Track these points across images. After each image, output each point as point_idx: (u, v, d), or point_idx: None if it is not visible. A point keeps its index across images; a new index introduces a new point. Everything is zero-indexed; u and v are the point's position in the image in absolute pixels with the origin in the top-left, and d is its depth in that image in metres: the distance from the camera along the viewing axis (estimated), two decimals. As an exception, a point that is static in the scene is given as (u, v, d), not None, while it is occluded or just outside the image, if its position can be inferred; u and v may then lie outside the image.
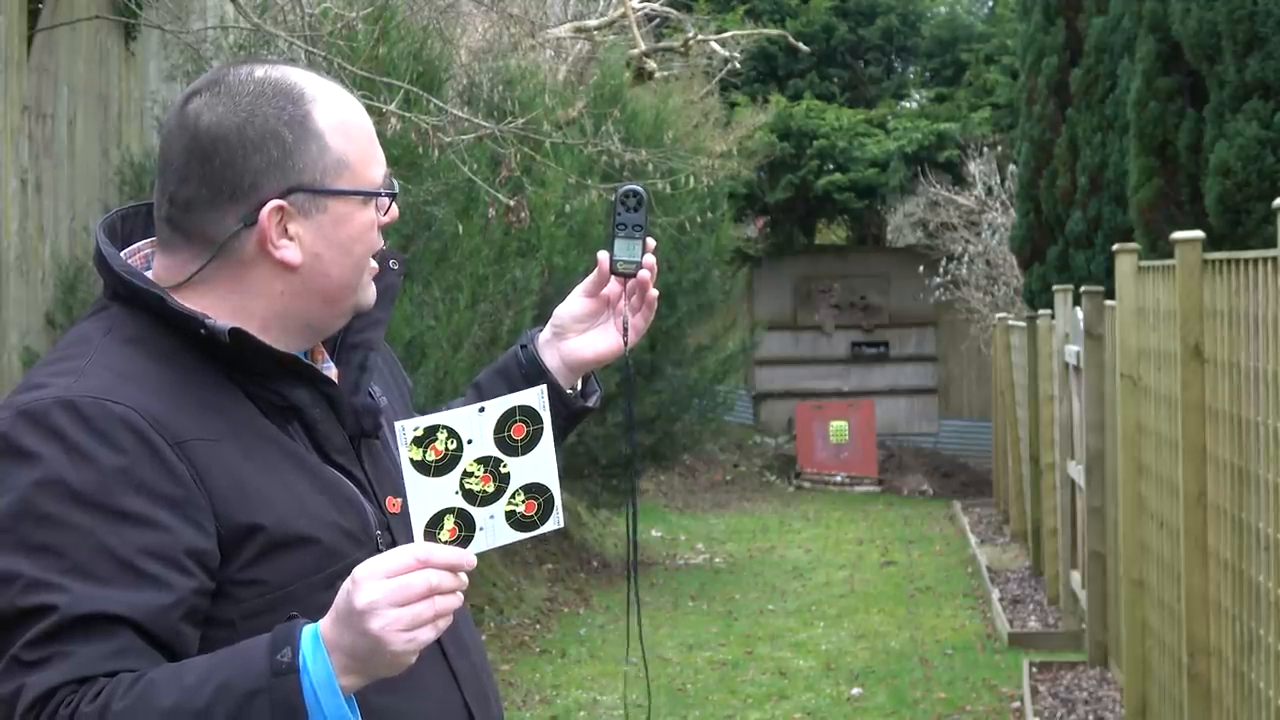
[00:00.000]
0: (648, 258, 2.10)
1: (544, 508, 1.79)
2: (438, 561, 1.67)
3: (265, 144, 1.83)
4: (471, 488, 1.76)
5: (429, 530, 1.73)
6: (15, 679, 1.66)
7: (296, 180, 1.84)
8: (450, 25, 9.12)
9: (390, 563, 1.66)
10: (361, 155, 1.88)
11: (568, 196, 9.03)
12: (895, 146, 19.23)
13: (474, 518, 1.75)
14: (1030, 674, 8.16)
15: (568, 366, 2.17)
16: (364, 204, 1.89)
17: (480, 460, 1.76)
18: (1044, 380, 10.83)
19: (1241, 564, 4.88)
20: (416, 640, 1.65)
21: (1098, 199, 10.92)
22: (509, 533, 1.78)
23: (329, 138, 1.86)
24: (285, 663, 1.64)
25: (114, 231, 1.94)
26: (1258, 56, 7.74)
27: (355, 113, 1.91)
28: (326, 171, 1.85)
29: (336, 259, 1.87)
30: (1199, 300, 5.33)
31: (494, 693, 2.04)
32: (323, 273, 1.87)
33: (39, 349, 6.00)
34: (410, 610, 1.64)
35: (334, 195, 1.86)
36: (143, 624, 1.68)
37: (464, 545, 1.74)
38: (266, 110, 1.84)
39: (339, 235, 1.87)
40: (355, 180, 1.87)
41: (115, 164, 6.68)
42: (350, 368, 1.97)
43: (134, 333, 1.83)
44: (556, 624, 10.13)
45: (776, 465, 18.67)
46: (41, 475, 1.71)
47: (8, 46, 5.79)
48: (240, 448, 1.80)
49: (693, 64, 14.10)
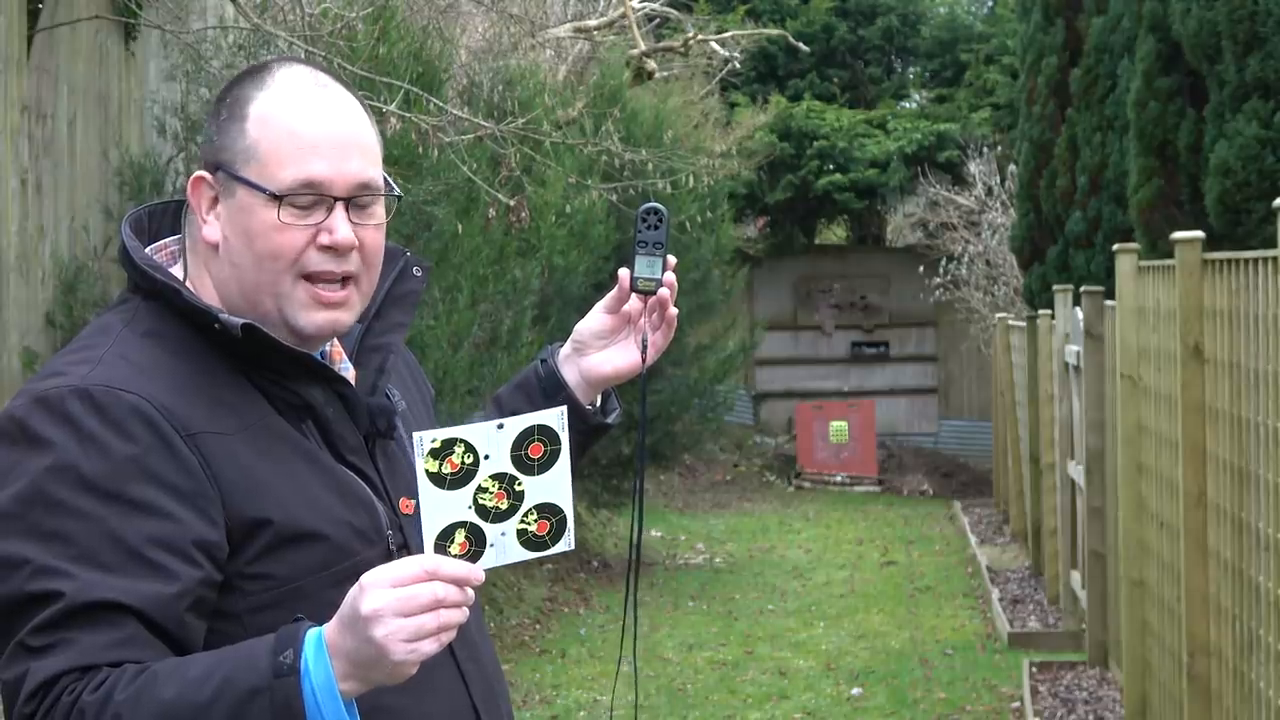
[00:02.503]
0: (668, 276, 2.10)
1: (556, 528, 1.80)
2: (445, 574, 1.67)
3: (215, 117, 1.89)
4: (485, 503, 1.76)
5: (439, 543, 1.73)
6: (20, 664, 1.68)
7: (217, 157, 1.87)
8: (450, 25, 9.12)
9: (398, 572, 1.66)
10: (276, 151, 1.85)
11: (568, 196, 9.03)
12: (895, 147, 19.23)
13: (485, 533, 1.75)
14: (1030, 674, 8.16)
15: (587, 382, 2.17)
16: (268, 202, 1.84)
17: (495, 476, 1.76)
18: (1044, 380, 10.83)
19: (1241, 564, 4.88)
20: (418, 651, 1.65)
21: (1098, 199, 10.92)
22: (520, 551, 1.77)
23: (249, 124, 1.86)
24: (287, 664, 1.64)
25: (140, 226, 1.96)
26: (1258, 56, 7.74)
27: (296, 112, 1.86)
28: (237, 156, 1.86)
29: (240, 250, 1.87)
30: (1199, 300, 5.33)
31: (503, 695, 2.04)
32: (233, 261, 1.88)
33: (39, 349, 6.00)
34: (414, 621, 1.64)
35: (239, 182, 1.86)
36: (148, 614, 1.69)
37: (474, 560, 1.74)
38: (234, 88, 1.89)
39: (242, 224, 1.86)
40: (260, 174, 1.85)
41: (115, 164, 6.68)
42: (368, 369, 1.98)
43: (153, 325, 1.85)
44: (556, 624, 10.12)
45: (776, 465, 18.66)
46: (53, 462, 1.72)
47: (8, 46, 5.79)
48: (252, 443, 1.81)
49: (693, 64, 14.10)
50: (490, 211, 7.82)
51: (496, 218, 7.96)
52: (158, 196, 6.52)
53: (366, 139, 1.90)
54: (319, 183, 1.85)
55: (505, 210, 7.86)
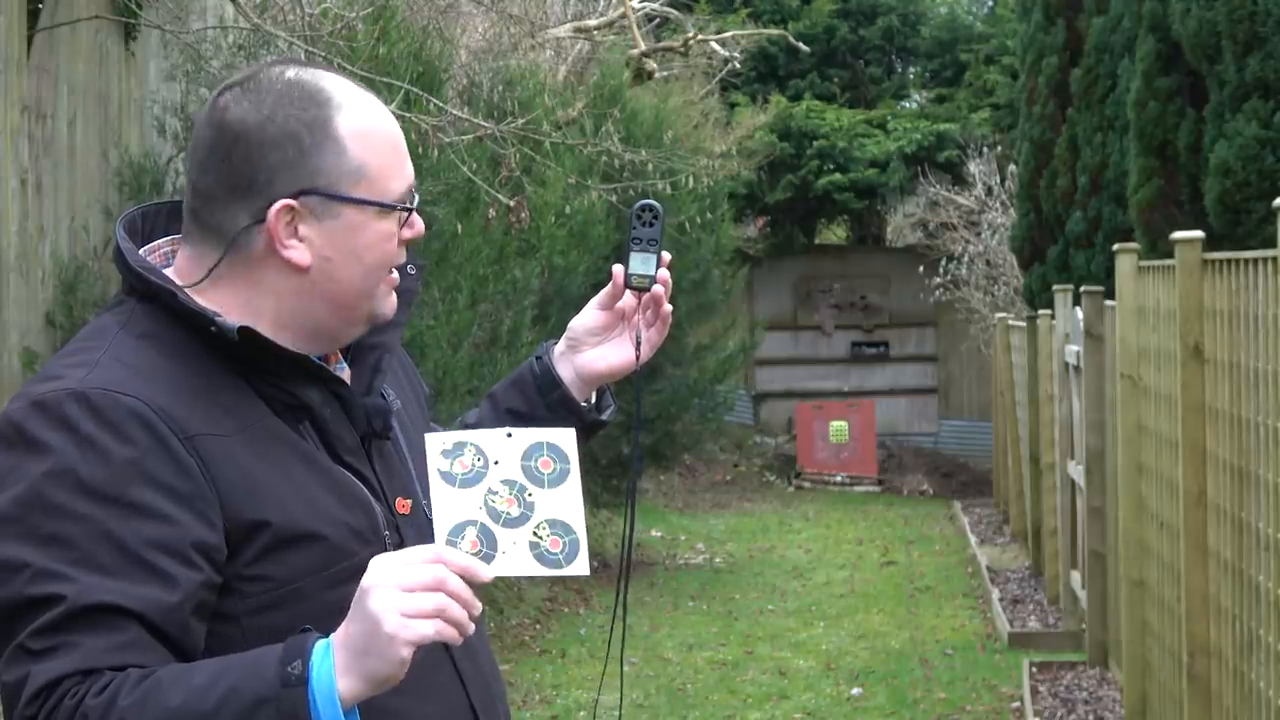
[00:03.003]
0: (662, 273, 2.10)
1: (569, 548, 1.78)
2: (452, 562, 1.68)
3: (283, 143, 1.84)
4: (495, 506, 1.76)
5: (450, 539, 1.74)
6: (21, 667, 1.68)
7: (310, 183, 1.85)
8: (450, 25, 9.12)
9: (406, 553, 1.69)
10: (382, 165, 1.88)
11: (568, 196, 9.03)
12: (895, 147, 19.23)
13: (497, 538, 1.76)
14: (1030, 674, 8.16)
15: (581, 379, 2.17)
16: (380, 214, 1.88)
17: (506, 482, 1.78)
18: (1044, 380, 10.83)
19: (1241, 564, 4.88)
20: (411, 628, 1.64)
21: (1098, 199, 10.92)
22: (532, 564, 1.77)
23: (348, 144, 1.86)
24: (295, 675, 1.64)
25: (134, 228, 1.96)
26: (1258, 56, 7.74)
27: (381, 122, 1.90)
28: (342, 177, 1.86)
29: (346, 265, 1.88)
30: (1199, 300, 5.33)
31: (501, 696, 2.04)
32: (332, 277, 1.87)
33: (39, 349, 6.00)
34: (413, 597, 1.64)
35: (348, 202, 1.86)
36: (149, 617, 1.69)
37: (485, 562, 1.74)
38: (289, 110, 1.85)
39: (351, 242, 1.87)
40: (372, 189, 1.87)
41: (115, 164, 6.68)
42: (364, 368, 1.98)
43: (148, 328, 1.85)
44: (556, 624, 10.13)
45: (776, 465, 18.67)
46: (52, 466, 1.72)
47: (8, 46, 5.79)
48: (250, 444, 1.82)
49: (693, 64, 14.10)
50: (490, 211, 7.82)
51: (496, 218, 7.96)
52: (157, 196, 6.52)
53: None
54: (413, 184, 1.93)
55: (505, 210, 7.86)
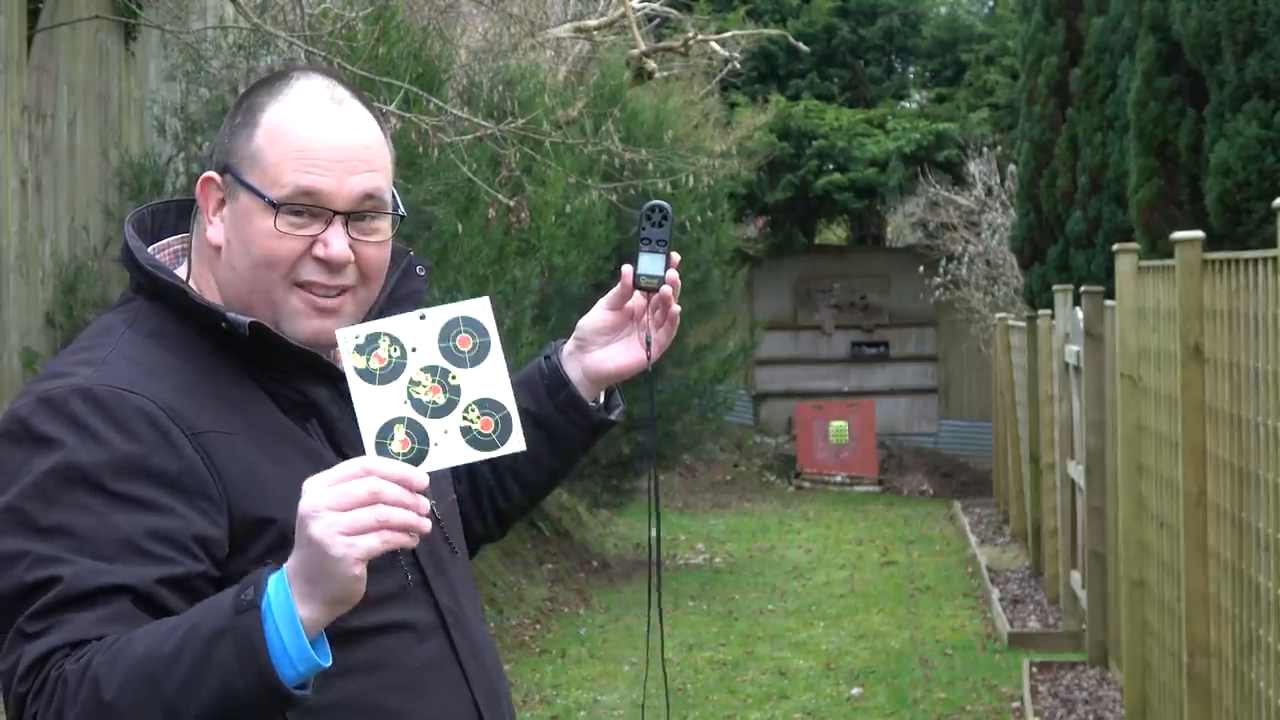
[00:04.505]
0: (671, 273, 2.10)
1: (501, 426, 1.76)
2: (383, 471, 1.65)
3: (230, 120, 1.91)
4: (420, 397, 1.74)
5: (380, 441, 1.71)
6: (16, 649, 1.69)
7: (226, 159, 1.89)
8: (450, 25, 9.12)
9: (336, 471, 1.65)
10: (280, 160, 1.86)
11: (568, 196, 9.03)
12: (895, 146, 19.23)
13: (427, 431, 1.73)
14: (1030, 674, 8.16)
15: (590, 379, 2.17)
16: (266, 209, 1.85)
17: (427, 369, 1.75)
18: (1044, 380, 10.83)
19: (1241, 564, 4.87)
20: (357, 546, 1.61)
21: (1098, 199, 10.92)
22: (466, 450, 1.75)
23: (259, 131, 1.87)
24: (247, 600, 1.63)
25: (143, 226, 1.97)
26: (1258, 56, 7.74)
27: (308, 124, 1.87)
28: (243, 160, 1.87)
29: (239, 254, 1.88)
30: (1199, 300, 5.33)
31: (505, 693, 2.04)
32: (231, 265, 1.89)
33: (39, 349, 6.00)
34: (350, 515, 1.61)
35: (243, 187, 1.87)
36: (141, 590, 1.70)
37: (418, 459, 1.72)
38: (252, 94, 1.91)
39: (243, 230, 1.88)
40: (262, 180, 1.86)
41: (115, 164, 6.69)
42: None
43: (156, 326, 1.87)
44: (556, 624, 10.13)
45: (776, 465, 18.67)
46: (57, 461, 1.73)
47: (8, 46, 5.79)
48: (256, 442, 1.82)
49: (693, 64, 14.10)
50: (490, 211, 7.82)
51: (496, 218, 7.96)
52: (157, 196, 6.52)
53: (374, 155, 1.92)
54: (318, 194, 1.86)
55: (505, 210, 7.86)
